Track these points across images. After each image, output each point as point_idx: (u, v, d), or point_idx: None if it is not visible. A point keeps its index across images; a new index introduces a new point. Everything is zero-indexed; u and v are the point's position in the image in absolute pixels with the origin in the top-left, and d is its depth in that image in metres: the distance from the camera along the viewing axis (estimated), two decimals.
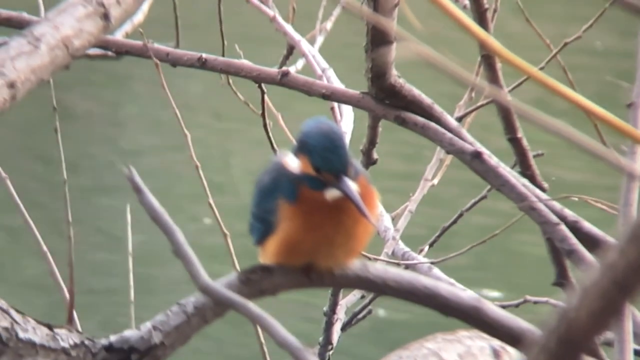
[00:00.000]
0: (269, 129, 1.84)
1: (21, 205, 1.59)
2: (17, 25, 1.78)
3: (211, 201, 1.69)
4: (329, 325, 1.83)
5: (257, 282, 1.46)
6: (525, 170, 1.78)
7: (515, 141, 1.79)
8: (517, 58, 1.12)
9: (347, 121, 2.06)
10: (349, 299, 1.89)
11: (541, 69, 1.92)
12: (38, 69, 1.46)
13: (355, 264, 1.48)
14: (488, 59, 1.78)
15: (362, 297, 1.95)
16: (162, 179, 4.62)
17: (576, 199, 1.70)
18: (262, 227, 1.47)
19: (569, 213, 1.66)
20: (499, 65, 1.78)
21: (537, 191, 1.67)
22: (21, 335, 1.38)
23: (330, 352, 1.84)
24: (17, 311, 1.41)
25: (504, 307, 1.57)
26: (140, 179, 1.16)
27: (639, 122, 1.73)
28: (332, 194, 1.43)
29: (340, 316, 1.84)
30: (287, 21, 2.09)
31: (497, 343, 1.68)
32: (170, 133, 4.80)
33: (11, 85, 1.44)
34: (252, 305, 1.16)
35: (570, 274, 1.80)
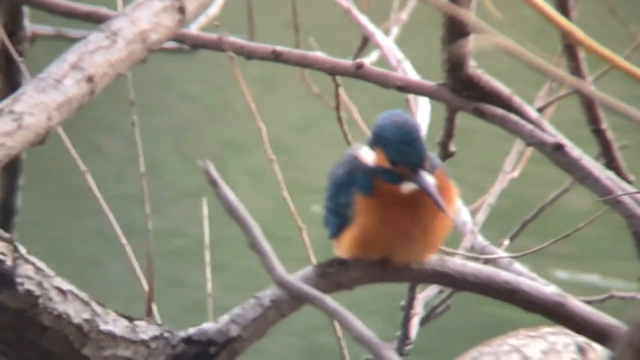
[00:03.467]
0: (343, 122, 1.82)
1: (101, 199, 1.61)
2: (96, 20, 1.80)
3: (286, 194, 1.68)
4: (407, 320, 1.81)
5: (333, 275, 1.45)
6: (610, 163, 1.72)
7: (599, 133, 1.74)
8: (601, 47, 1.08)
9: (423, 113, 2.03)
10: (426, 294, 1.87)
11: (625, 57, 1.86)
12: (116, 63, 1.48)
13: (433, 259, 1.45)
14: (570, 48, 1.73)
15: (440, 291, 1.93)
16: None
17: None
18: (338, 221, 1.46)
19: None
20: (581, 54, 1.73)
21: (623, 184, 1.62)
22: (102, 327, 1.40)
23: (409, 347, 1.82)
24: (98, 303, 1.42)
25: (589, 302, 1.53)
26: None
27: None
28: (408, 187, 1.41)
29: (418, 311, 1.82)
30: (362, 11, 2.07)
31: (582, 339, 1.63)
32: (241, 127, 4.84)
33: (89, 80, 1.46)
34: (329, 299, 1.15)
35: None
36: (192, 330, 1.43)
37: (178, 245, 4.32)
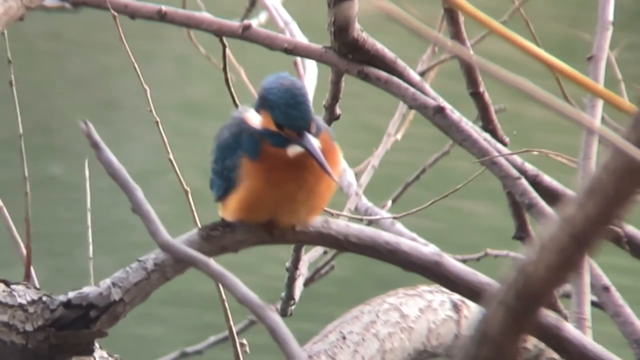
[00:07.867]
0: (230, 84, 1.81)
1: None
2: None
3: (171, 157, 1.67)
4: (292, 280, 1.83)
5: (218, 238, 1.45)
6: (487, 125, 1.78)
7: (477, 95, 1.79)
8: (479, 12, 1.11)
9: (310, 76, 2.05)
10: (311, 255, 1.89)
11: (503, 22, 1.91)
12: None
13: (317, 221, 1.47)
14: (451, 12, 1.76)
15: (325, 252, 1.96)
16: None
17: (536, 152, 1.70)
18: (224, 184, 1.46)
19: (529, 167, 1.67)
20: (461, 19, 1.77)
21: (499, 145, 1.68)
22: None
23: (292, 307, 1.85)
24: None
25: (464, 261, 1.58)
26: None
27: (599, 76, 1.73)
28: (294, 150, 1.42)
29: (303, 272, 1.84)
30: None
31: (457, 297, 1.69)
32: (130, 91, 4.75)
33: None
34: (213, 263, 1.15)
35: (530, 228, 1.81)
36: (72, 294, 1.41)
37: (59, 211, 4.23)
